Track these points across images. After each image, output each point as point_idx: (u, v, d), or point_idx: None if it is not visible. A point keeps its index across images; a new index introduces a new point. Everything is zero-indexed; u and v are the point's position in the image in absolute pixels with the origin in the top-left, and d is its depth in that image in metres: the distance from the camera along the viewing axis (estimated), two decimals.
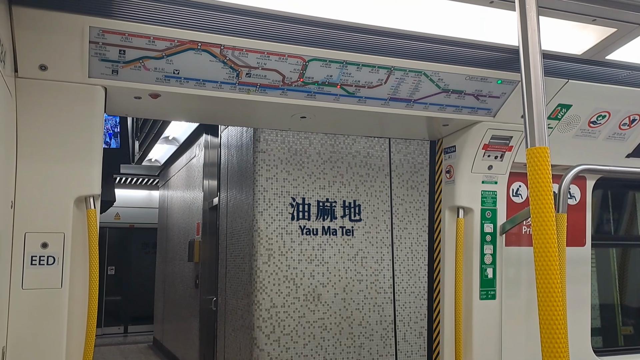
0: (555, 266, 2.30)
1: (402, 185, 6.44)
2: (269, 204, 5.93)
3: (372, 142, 6.35)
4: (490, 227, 4.35)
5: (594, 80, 4.02)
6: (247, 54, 3.25)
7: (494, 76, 3.78)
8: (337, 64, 3.44)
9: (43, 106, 3.10)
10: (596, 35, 3.55)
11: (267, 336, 5.81)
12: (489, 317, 4.30)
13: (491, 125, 4.14)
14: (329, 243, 6.09)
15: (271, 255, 5.88)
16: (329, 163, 6.16)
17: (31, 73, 3.03)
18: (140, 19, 2.96)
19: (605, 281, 5.77)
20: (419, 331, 6.37)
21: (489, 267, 4.32)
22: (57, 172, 3.14)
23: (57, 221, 3.15)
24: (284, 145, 6.02)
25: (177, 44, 3.11)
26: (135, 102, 3.55)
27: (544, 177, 2.35)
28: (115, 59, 3.11)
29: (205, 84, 3.37)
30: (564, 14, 3.21)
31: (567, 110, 4.27)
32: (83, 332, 3.25)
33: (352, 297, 6.14)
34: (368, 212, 6.26)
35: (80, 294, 3.26)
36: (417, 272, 6.41)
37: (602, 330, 5.65)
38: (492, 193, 4.35)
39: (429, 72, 3.64)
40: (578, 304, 4.89)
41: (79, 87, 3.16)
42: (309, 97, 3.62)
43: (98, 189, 3.26)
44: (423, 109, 3.89)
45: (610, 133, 4.60)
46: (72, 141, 3.17)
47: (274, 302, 5.85)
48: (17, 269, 3.06)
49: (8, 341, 2.98)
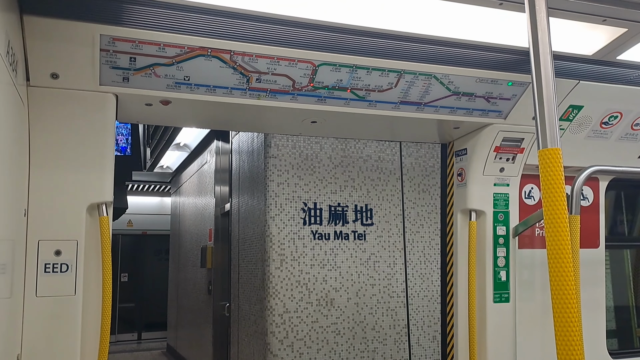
0: (569, 268, 2.29)
1: (413, 188, 6.42)
2: (281, 209, 5.93)
3: (383, 146, 6.34)
4: (502, 230, 4.33)
5: (605, 81, 4.00)
6: (257, 59, 3.25)
7: (505, 78, 3.77)
8: (347, 68, 3.44)
9: (55, 114, 3.11)
10: (607, 36, 3.53)
11: (280, 341, 5.80)
12: (502, 320, 4.29)
13: (502, 128, 4.13)
14: (341, 248, 6.08)
15: (283, 260, 5.87)
16: (340, 167, 6.15)
17: (43, 82, 3.04)
18: (151, 26, 2.97)
19: (620, 283, 5.74)
20: (433, 335, 6.35)
21: (502, 269, 4.30)
22: (69, 179, 3.16)
23: (70, 229, 3.16)
24: (295, 151, 6.02)
25: (187, 50, 3.12)
26: (146, 109, 3.56)
27: (557, 179, 2.34)
28: (126, 67, 3.13)
29: (216, 90, 3.37)
30: (574, 15, 3.20)
31: (578, 112, 4.26)
32: (97, 339, 3.26)
33: (365, 302, 6.12)
34: (380, 216, 6.25)
35: (93, 301, 3.27)
36: (430, 276, 6.39)
37: (617, 332, 5.62)
38: (504, 195, 4.34)
39: (439, 75, 3.63)
40: (593, 306, 4.86)
41: (91, 94, 3.17)
42: (319, 102, 3.62)
43: (110, 196, 3.28)
44: (434, 112, 3.88)
45: (623, 134, 4.58)
46: (84, 149, 3.18)
47: (286, 308, 5.84)
48: (31, 276, 3.07)
49: (23, 349, 2.99)
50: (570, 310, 2.27)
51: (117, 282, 16.95)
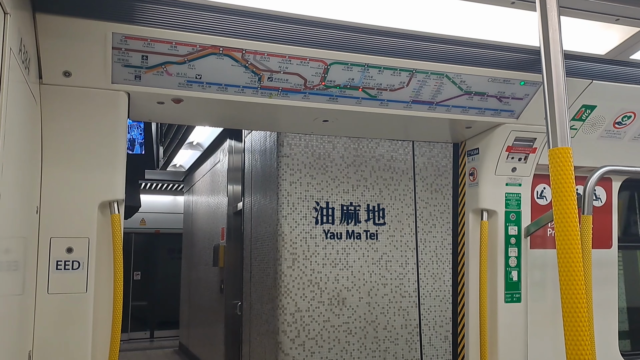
0: (579, 268, 2.28)
1: (426, 188, 6.41)
2: (293, 209, 5.94)
3: (396, 146, 6.34)
4: (514, 230, 4.31)
5: (619, 81, 3.98)
6: (268, 58, 3.26)
7: (517, 77, 3.76)
8: (358, 67, 3.43)
9: (67, 112, 3.13)
10: (619, 35, 3.52)
11: (292, 340, 5.82)
12: (514, 320, 4.27)
13: (514, 127, 4.11)
14: (353, 247, 6.08)
15: (295, 259, 5.88)
16: (353, 167, 6.16)
17: (55, 80, 3.06)
18: (162, 24, 2.99)
19: (633, 284, 5.70)
20: (445, 335, 6.34)
21: (513, 269, 4.29)
22: (81, 177, 3.17)
23: (81, 226, 3.17)
24: (307, 150, 6.03)
25: (199, 49, 3.13)
26: (158, 107, 3.57)
27: (567, 178, 2.33)
28: (137, 65, 3.14)
29: (228, 89, 3.38)
30: (586, 14, 3.19)
31: (591, 111, 4.24)
32: (108, 336, 3.27)
33: (377, 301, 6.12)
34: (392, 216, 6.25)
35: (105, 299, 3.28)
36: (442, 276, 6.38)
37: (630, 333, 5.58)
38: (516, 195, 4.32)
39: (451, 74, 3.63)
40: (605, 306, 4.84)
41: (103, 93, 3.19)
42: (331, 101, 3.62)
43: (122, 193, 3.29)
44: (445, 111, 3.87)
45: (636, 134, 4.56)
46: (95, 146, 3.20)
47: (298, 307, 5.85)
48: (43, 273, 3.08)
49: (34, 345, 3.01)
50: (580, 311, 2.26)
51: (130, 280, 17.06)
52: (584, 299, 2.27)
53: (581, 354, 2.25)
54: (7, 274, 2.37)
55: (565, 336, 2.29)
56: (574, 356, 2.26)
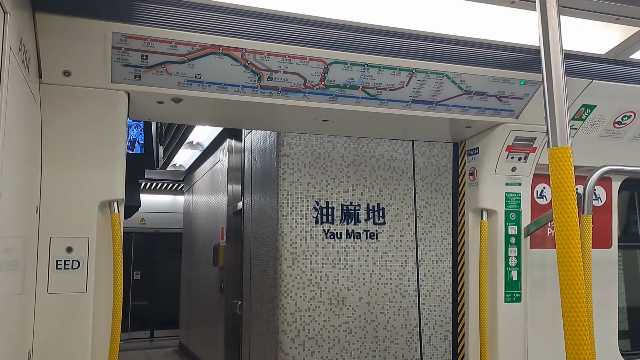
0: (579, 268, 2.28)
1: (426, 188, 6.41)
2: (293, 208, 5.93)
3: (396, 145, 6.33)
4: (514, 229, 4.32)
5: (619, 80, 3.98)
6: (268, 57, 3.26)
7: (517, 77, 3.76)
8: (358, 66, 3.43)
9: (67, 112, 3.13)
10: (619, 35, 3.51)
11: (292, 340, 5.81)
12: (514, 320, 4.27)
13: (514, 127, 4.11)
14: (353, 247, 6.08)
15: (295, 259, 5.88)
16: (353, 166, 6.15)
17: (55, 79, 3.06)
18: (162, 24, 2.99)
19: (633, 283, 5.70)
20: (445, 335, 6.34)
21: (513, 269, 4.29)
22: (81, 176, 3.17)
23: (81, 226, 3.17)
24: (307, 149, 6.02)
25: (199, 48, 3.13)
26: (158, 106, 3.57)
27: (567, 177, 2.33)
28: (137, 64, 3.14)
29: (227, 88, 3.38)
30: (586, 13, 3.19)
31: (591, 111, 4.24)
32: (108, 336, 3.27)
33: (377, 301, 6.12)
34: (392, 216, 6.24)
35: (105, 298, 3.28)
36: (442, 275, 6.38)
37: (630, 333, 5.59)
38: (516, 195, 4.32)
39: (451, 73, 3.63)
40: (605, 306, 4.84)
41: (102, 92, 3.19)
42: (331, 100, 3.62)
43: (121, 193, 3.29)
44: (445, 111, 3.87)
45: (636, 133, 4.56)
46: (95, 146, 3.20)
47: (298, 306, 5.85)
48: (43, 273, 3.09)
49: (34, 345, 3.01)
50: (580, 311, 2.26)
51: (130, 280, 17.05)
52: (583, 298, 2.27)
53: (581, 353, 2.25)
54: (7, 274, 2.37)
55: (565, 336, 2.29)
56: (574, 356, 2.26)
